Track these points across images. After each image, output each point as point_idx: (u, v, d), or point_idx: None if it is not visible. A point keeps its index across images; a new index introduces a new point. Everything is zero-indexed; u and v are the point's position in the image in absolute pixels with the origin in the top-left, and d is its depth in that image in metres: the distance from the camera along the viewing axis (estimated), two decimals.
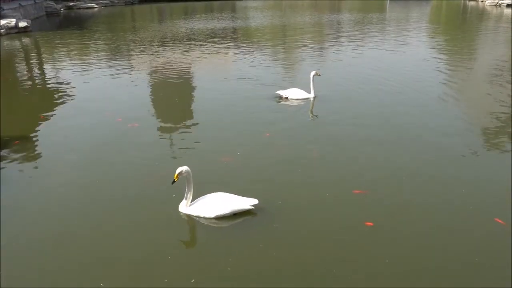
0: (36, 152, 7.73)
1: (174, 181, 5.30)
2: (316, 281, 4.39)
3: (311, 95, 10.42)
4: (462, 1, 48.26)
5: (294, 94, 10.40)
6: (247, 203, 5.39)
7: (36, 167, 7.13)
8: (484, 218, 5.40)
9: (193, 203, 5.50)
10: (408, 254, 4.77)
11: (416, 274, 4.48)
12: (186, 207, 5.49)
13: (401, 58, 16.30)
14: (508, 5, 36.60)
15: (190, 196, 5.47)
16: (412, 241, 4.99)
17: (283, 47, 19.68)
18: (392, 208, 5.65)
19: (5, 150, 7.60)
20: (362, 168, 6.80)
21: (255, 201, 5.39)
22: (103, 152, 7.57)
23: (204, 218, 5.39)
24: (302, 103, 10.24)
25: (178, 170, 5.27)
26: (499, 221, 5.29)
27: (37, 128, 8.92)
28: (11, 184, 6.42)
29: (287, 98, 10.38)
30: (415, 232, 5.15)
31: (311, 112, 9.84)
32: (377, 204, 5.74)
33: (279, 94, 10.46)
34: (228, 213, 5.37)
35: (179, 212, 5.51)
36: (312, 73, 10.40)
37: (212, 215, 5.36)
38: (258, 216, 5.46)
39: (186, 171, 5.32)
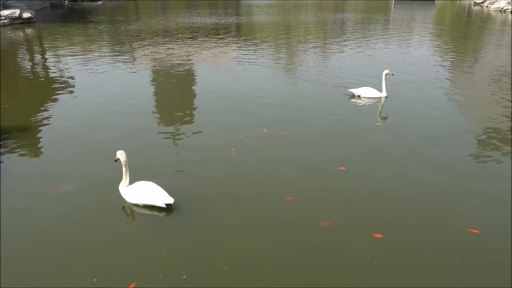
0: (36, 143, 7.75)
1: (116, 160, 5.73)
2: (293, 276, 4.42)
3: (383, 94, 10.40)
4: (467, 4, 48.10)
5: (366, 92, 10.39)
6: (161, 200, 5.39)
7: (35, 159, 7.15)
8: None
9: (129, 186, 5.67)
10: (405, 256, 4.81)
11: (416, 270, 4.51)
12: (122, 187, 5.70)
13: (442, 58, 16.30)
14: None
15: (127, 177, 5.66)
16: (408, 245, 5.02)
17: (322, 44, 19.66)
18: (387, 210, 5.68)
19: (4, 140, 7.61)
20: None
21: (170, 200, 5.38)
22: (100, 143, 7.57)
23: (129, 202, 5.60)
24: (374, 101, 10.23)
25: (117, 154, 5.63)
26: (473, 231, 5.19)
27: (38, 119, 8.91)
28: (6, 174, 6.44)
29: (359, 96, 10.39)
30: (413, 231, 5.19)
31: (379, 114, 9.61)
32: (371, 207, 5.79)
33: (352, 92, 10.47)
34: (141, 204, 5.51)
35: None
36: (385, 72, 10.36)
37: (132, 202, 5.55)
38: (248, 212, 5.51)
39: (120, 154, 5.59)
